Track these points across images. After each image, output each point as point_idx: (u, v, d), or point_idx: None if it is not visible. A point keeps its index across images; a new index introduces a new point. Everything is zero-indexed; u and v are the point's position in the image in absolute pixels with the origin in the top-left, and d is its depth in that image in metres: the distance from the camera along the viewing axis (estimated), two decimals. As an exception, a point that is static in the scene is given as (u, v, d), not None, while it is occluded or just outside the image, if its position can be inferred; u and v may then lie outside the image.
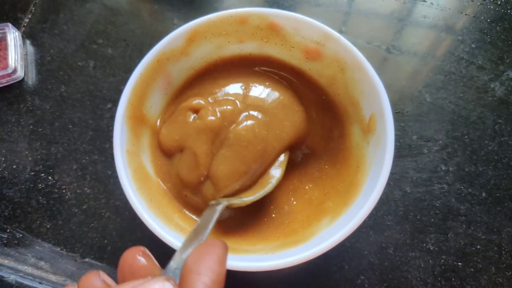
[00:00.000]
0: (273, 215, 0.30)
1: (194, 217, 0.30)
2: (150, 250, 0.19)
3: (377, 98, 0.27)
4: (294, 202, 0.31)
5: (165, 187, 0.30)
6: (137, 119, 0.29)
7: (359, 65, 0.28)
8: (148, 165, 0.30)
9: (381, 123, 0.26)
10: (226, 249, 0.18)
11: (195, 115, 0.30)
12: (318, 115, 0.33)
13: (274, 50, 0.32)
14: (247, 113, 0.29)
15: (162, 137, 0.31)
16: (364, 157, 0.28)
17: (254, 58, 0.33)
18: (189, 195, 0.30)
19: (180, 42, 0.30)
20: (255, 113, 0.29)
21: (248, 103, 0.30)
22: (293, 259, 0.23)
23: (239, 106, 0.30)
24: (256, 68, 0.34)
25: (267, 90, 0.31)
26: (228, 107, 0.29)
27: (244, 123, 0.29)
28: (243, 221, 0.30)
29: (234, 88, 0.32)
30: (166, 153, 0.31)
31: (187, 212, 0.30)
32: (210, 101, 0.30)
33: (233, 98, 0.30)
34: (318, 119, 0.33)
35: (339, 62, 0.29)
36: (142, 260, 0.17)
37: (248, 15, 0.30)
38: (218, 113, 0.29)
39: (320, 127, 0.33)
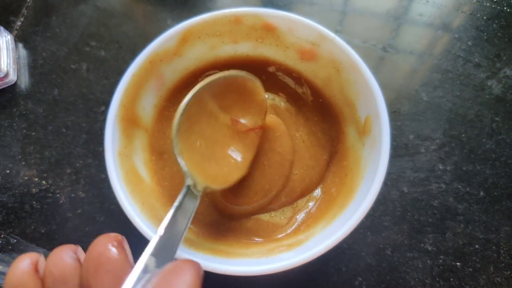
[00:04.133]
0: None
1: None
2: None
3: (372, 100, 0.26)
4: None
5: (161, 189, 0.30)
6: (129, 120, 0.29)
7: (355, 66, 0.27)
8: (141, 168, 0.29)
9: (377, 125, 0.26)
10: (198, 273, 0.15)
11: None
12: (313, 118, 0.33)
13: (269, 51, 0.32)
14: None
15: None
16: (359, 159, 0.28)
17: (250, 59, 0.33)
18: None
19: (173, 43, 0.29)
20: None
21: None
22: (288, 263, 0.23)
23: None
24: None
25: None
26: None
27: None
28: (237, 224, 0.30)
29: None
30: None
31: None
32: None
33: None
34: (313, 124, 0.33)
35: (334, 63, 0.29)
36: (113, 251, 0.15)
37: (242, 15, 0.29)
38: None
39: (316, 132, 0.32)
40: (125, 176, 0.26)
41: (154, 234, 0.24)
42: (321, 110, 0.32)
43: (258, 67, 0.33)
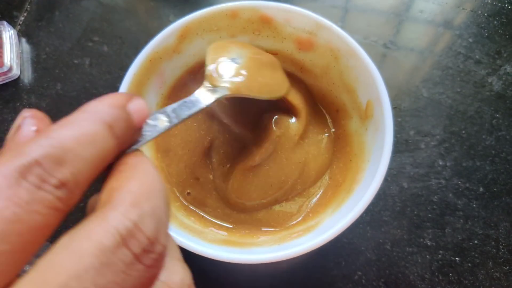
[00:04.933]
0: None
1: (198, 211, 0.30)
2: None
3: (373, 84, 0.26)
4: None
5: (169, 185, 0.31)
6: None
7: (353, 52, 0.28)
8: None
9: (378, 108, 0.26)
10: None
11: None
12: (315, 106, 0.33)
13: (266, 43, 0.32)
14: None
15: None
16: (363, 143, 0.28)
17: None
18: (192, 192, 0.30)
19: (171, 40, 0.30)
20: None
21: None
22: (300, 249, 0.22)
23: None
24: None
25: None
26: None
27: None
28: (247, 215, 0.30)
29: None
30: None
31: (192, 208, 0.30)
32: None
33: None
34: (314, 110, 0.33)
35: (332, 50, 0.29)
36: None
37: (238, 9, 0.30)
38: None
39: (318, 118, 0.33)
40: None
41: None
42: (321, 98, 0.33)
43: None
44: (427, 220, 0.34)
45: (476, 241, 0.33)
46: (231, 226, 0.29)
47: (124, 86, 0.28)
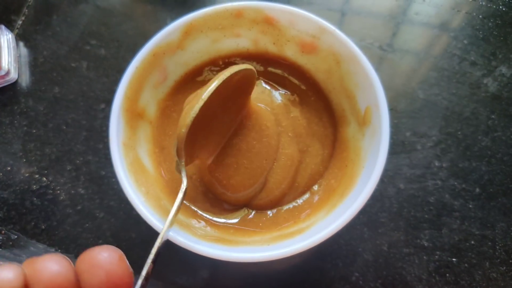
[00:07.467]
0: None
1: (193, 207, 0.30)
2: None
3: (372, 90, 0.27)
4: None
5: (165, 179, 0.31)
6: (133, 112, 0.29)
7: (355, 58, 0.28)
8: (145, 159, 0.29)
9: (376, 115, 0.26)
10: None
11: None
12: (314, 110, 0.33)
13: (270, 44, 0.32)
14: None
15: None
16: (359, 150, 0.28)
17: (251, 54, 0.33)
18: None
19: (176, 36, 0.30)
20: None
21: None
22: (290, 249, 0.23)
23: None
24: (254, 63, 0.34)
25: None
26: None
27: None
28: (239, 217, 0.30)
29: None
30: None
31: (184, 202, 0.30)
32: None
33: None
34: (316, 115, 0.33)
35: (334, 55, 0.30)
36: (106, 254, 0.16)
37: (243, 9, 0.30)
38: None
39: (316, 123, 0.33)
40: (129, 166, 0.26)
41: (158, 222, 0.24)
42: (321, 102, 0.33)
43: (259, 61, 0.34)
44: (423, 221, 0.34)
45: (473, 242, 0.33)
46: (222, 224, 0.29)
47: (126, 78, 0.28)
